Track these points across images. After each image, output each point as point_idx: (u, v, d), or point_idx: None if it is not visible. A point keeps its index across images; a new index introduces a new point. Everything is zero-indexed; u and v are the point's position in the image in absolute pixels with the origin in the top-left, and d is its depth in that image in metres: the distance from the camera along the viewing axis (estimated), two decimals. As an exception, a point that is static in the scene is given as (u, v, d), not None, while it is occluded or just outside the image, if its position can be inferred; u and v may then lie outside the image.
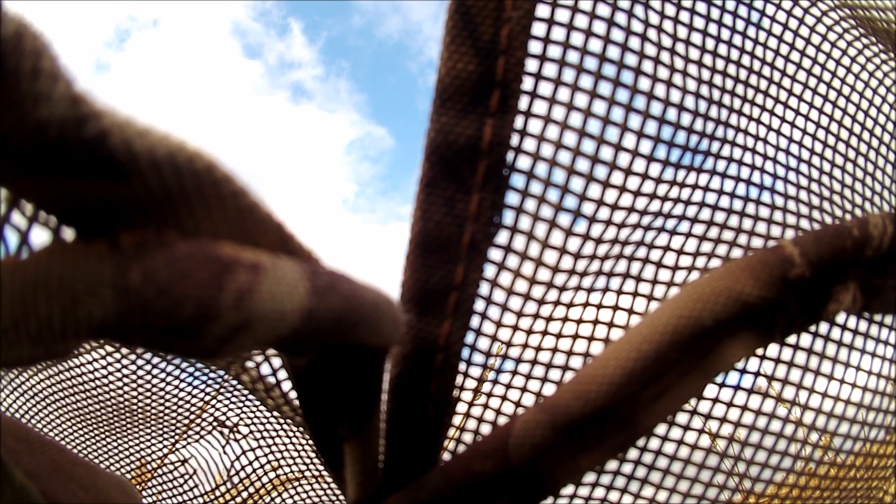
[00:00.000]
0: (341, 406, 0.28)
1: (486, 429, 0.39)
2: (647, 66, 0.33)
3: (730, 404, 0.39)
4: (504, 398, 0.40)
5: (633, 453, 0.39)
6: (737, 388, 0.39)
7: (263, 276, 0.17)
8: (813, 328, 0.38)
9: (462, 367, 0.33)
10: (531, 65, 0.31)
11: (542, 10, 0.30)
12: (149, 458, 0.73)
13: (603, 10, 0.32)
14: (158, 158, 0.15)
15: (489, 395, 0.40)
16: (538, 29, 0.30)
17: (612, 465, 0.39)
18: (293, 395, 0.47)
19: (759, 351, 0.38)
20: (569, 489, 0.38)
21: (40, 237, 0.17)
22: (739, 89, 0.38)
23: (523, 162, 0.31)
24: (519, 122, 0.31)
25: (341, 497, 0.69)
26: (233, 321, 0.16)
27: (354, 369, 0.26)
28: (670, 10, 0.34)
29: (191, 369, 0.63)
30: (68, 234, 0.16)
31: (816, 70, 0.41)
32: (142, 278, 0.15)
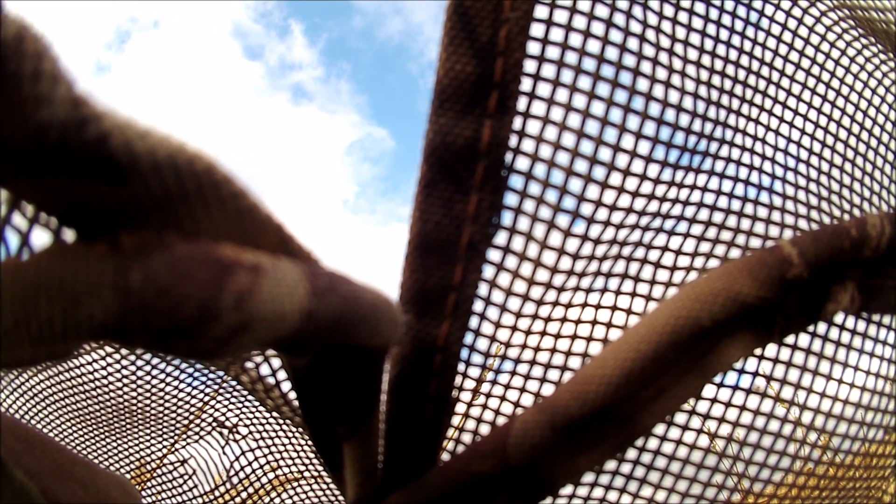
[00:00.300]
0: (341, 406, 0.29)
1: (485, 429, 0.40)
2: (646, 67, 0.33)
3: (728, 404, 0.39)
4: (503, 398, 0.40)
5: (631, 453, 0.39)
6: (735, 387, 0.40)
7: (263, 278, 0.17)
8: (811, 328, 0.39)
9: (461, 367, 0.33)
10: (529, 66, 0.31)
11: (541, 11, 0.31)
12: (148, 459, 0.74)
13: (601, 10, 0.32)
14: (159, 160, 0.15)
15: (488, 395, 0.40)
16: (536, 30, 0.30)
17: (610, 464, 0.39)
18: (292, 395, 0.48)
19: (758, 351, 0.39)
20: (568, 489, 0.38)
21: (41, 238, 0.17)
22: (738, 89, 0.38)
23: (521, 163, 0.31)
24: (517, 123, 0.31)
25: (340, 497, 0.69)
26: (233, 322, 0.16)
27: (354, 370, 0.26)
28: (668, 10, 0.34)
29: (190, 370, 0.64)
30: (69, 235, 0.16)
31: (815, 70, 0.41)
32: (142, 279, 0.15)
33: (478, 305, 0.33)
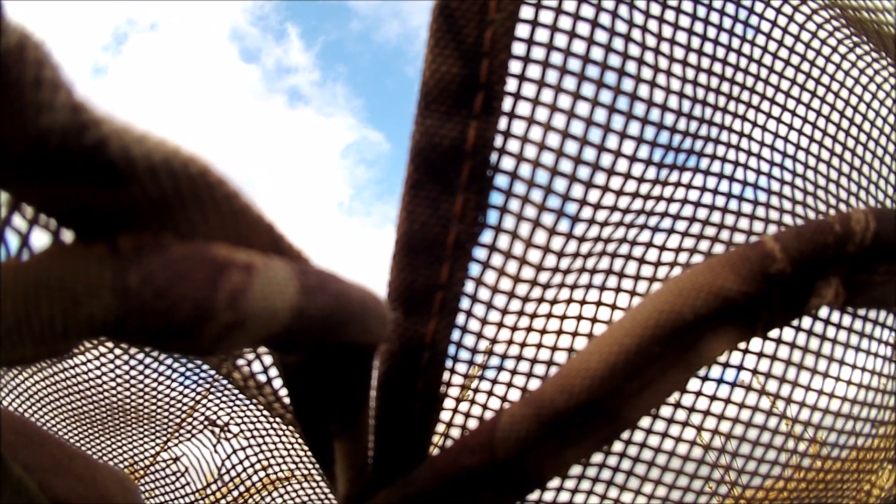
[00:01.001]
0: (331, 403, 0.29)
1: (473, 424, 0.40)
2: (631, 67, 0.34)
3: (713, 397, 0.40)
4: (490, 393, 0.40)
5: (617, 446, 0.39)
6: (719, 381, 0.40)
7: (256, 276, 0.17)
8: (806, 324, 0.39)
9: (448, 363, 0.33)
10: (515, 66, 0.31)
11: (526, 12, 0.31)
12: (141, 457, 0.74)
13: (587, 11, 0.32)
14: (155, 163, 0.15)
15: (475, 390, 0.40)
16: (522, 30, 0.31)
17: (597, 457, 0.39)
18: (284, 392, 0.48)
19: (743, 345, 0.39)
20: (555, 482, 0.38)
21: (40, 240, 0.17)
22: (725, 87, 0.38)
23: (507, 163, 0.32)
24: (502, 123, 0.31)
25: (331, 495, 0.70)
26: (227, 320, 0.17)
27: (344, 367, 0.27)
28: (655, 9, 0.34)
29: (182, 369, 0.64)
30: (68, 236, 0.16)
31: (805, 66, 0.41)
32: (140, 280, 0.15)
33: (464, 303, 0.33)
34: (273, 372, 0.46)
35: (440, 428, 0.36)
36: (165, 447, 0.73)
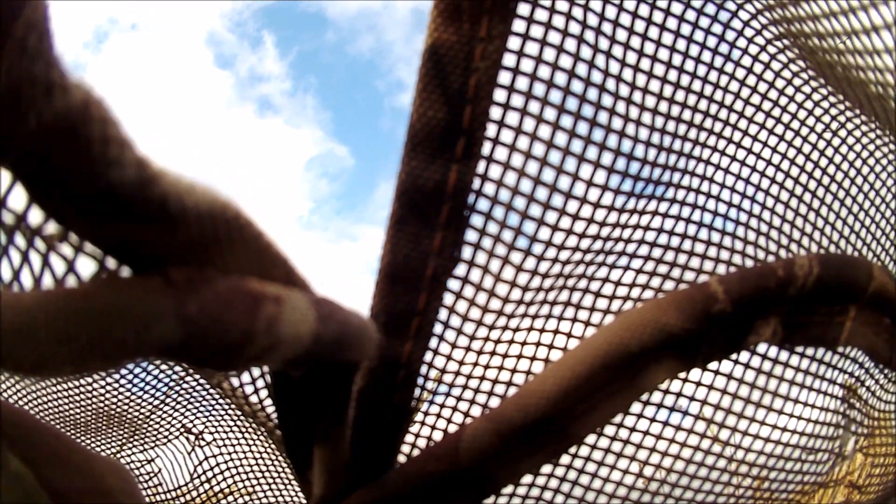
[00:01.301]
0: (318, 413, 0.31)
1: (438, 436, 0.43)
2: (602, 118, 0.36)
3: (652, 419, 0.43)
4: (455, 409, 0.43)
5: (564, 458, 0.42)
6: (659, 405, 0.43)
7: (284, 306, 0.20)
8: (744, 358, 0.41)
9: (420, 381, 0.36)
10: (495, 112, 0.32)
11: (509, 60, 0.32)
12: (123, 460, 0.75)
13: (565, 61, 0.34)
14: (202, 211, 0.18)
15: (442, 406, 0.43)
16: (503, 78, 0.32)
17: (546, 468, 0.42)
18: (268, 402, 0.50)
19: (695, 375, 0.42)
20: (508, 488, 0.41)
21: (87, 267, 0.19)
22: (692, 133, 0.40)
23: (482, 204, 0.34)
24: (480, 166, 0.33)
25: (296, 499, 0.71)
26: (265, 344, 0.20)
27: (332, 381, 0.29)
28: (631, 57, 0.36)
29: (166, 379, 0.66)
30: (112, 264, 0.19)
31: (766, 106, 0.43)
32: (198, 309, 0.18)
33: (437, 328, 0.36)
34: (259, 384, 0.48)
35: (409, 438, 0.38)
36: (130, 448, 0.74)
